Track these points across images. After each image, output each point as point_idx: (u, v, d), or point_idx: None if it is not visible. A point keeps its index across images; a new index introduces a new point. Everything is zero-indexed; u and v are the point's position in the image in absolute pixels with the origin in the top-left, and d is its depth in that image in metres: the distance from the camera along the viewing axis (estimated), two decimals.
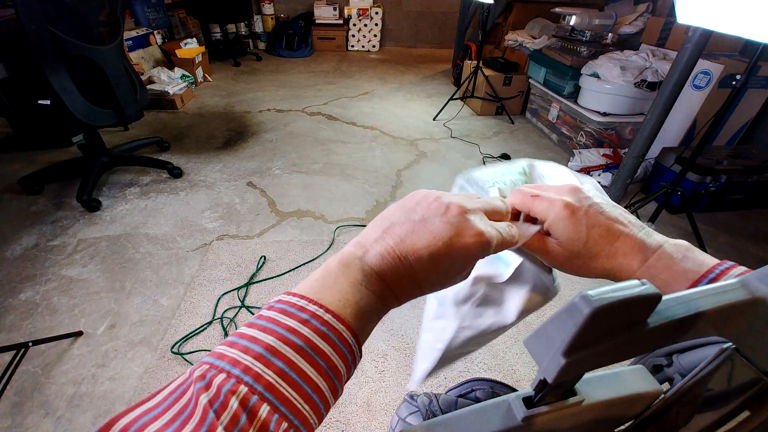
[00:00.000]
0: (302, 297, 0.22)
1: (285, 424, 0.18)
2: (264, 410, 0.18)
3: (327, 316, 0.21)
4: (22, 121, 2.10)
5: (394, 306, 0.26)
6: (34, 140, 2.21)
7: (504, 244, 0.28)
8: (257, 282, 1.43)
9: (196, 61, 3.23)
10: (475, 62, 2.86)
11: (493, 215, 0.29)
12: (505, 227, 0.29)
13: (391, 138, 2.59)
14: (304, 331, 0.21)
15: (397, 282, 0.25)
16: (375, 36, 4.78)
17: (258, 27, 4.55)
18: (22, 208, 1.74)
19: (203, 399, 0.18)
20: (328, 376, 0.21)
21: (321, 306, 0.22)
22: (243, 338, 0.20)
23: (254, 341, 0.20)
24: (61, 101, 1.48)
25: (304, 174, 2.13)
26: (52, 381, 1.09)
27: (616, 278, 0.31)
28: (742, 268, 0.27)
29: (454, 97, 2.97)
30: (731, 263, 0.27)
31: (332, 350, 0.21)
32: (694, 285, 0.27)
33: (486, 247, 0.26)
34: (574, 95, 2.53)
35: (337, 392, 0.22)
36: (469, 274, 0.28)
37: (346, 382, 0.23)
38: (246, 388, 0.18)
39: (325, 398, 0.21)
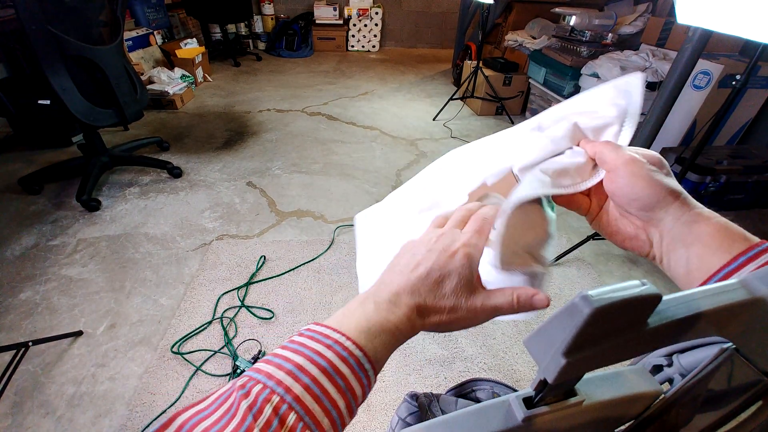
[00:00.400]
0: (327, 327, 0.26)
1: None
2: (292, 418, 0.21)
3: (347, 343, 0.25)
4: (22, 121, 2.10)
5: (406, 334, 0.28)
6: (34, 140, 2.21)
7: (484, 239, 0.31)
8: (257, 282, 1.43)
9: (196, 62, 3.23)
10: (475, 62, 2.86)
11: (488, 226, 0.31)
12: (480, 222, 0.31)
13: (391, 138, 2.60)
14: (328, 354, 0.24)
15: (416, 324, 0.28)
16: (375, 36, 4.78)
17: (258, 27, 4.55)
18: (22, 208, 1.74)
19: (243, 404, 0.21)
20: (345, 394, 0.24)
21: (343, 334, 0.25)
22: (277, 357, 0.24)
23: (286, 360, 0.23)
24: (61, 101, 1.48)
25: (304, 174, 2.13)
26: (52, 381, 1.09)
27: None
28: None
29: (454, 97, 2.97)
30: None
31: (350, 372, 0.24)
32: (741, 254, 0.27)
33: (470, 261, 0.29)
34: (574, 95, 2.53)
35: (352, 410, 0.24)
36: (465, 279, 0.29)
37: (360, 404, 0.25)
38: (278, 398, 0.21)
39: (341, 414, 0.23)
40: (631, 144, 0.35)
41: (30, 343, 1.07)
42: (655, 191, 0.30)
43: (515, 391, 0.29)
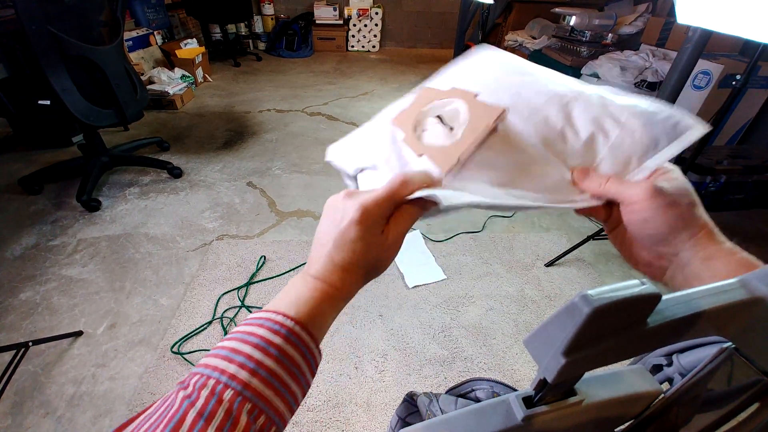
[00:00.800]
0: (260, 310, 0.27)
1: (248, 405, 0.22)
2: (228, 393, 0.22)
3: (278, 317, 0.26)
4: (22, 121, 2.10)
5: (343, 300, 0.30)
6: (34, 140, 2.21)
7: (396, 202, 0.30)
8: (257, 282, 1.43)
9: (196, 62, 3.23)
10: None
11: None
12: (382, 194, 0.30)
13: None
14: (260, 331, 0.25)
15: (338, 282, 0.29)
16: (375, 36, 4.78)
17: (258, 27, 4.55)
18: (22, 208, 1.74)
19: (181, 394, 0.22)
20: (283, 363, 0.24)
21: (273, 311, 0.27)
22: (215, 349, 0.25)
23: (221, 348, 0.25)
24: (61, 101, 1.48)
25: (304, 174, 2.13)
26: (52, 381, 1.09)
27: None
28: None
29: None
30: None
31: (284, 341, 0.25)
32: None
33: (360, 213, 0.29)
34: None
35: (297, 379, 0.25)
36: (400, 245, 0.31)
37: (308, 374, 0.26)
38: (213, 381, 0.22)
39: (285, 384, 0.24)
40: None
41: (30, 343, 1.07)
42: (671, 227, 0.28)
43: (515, 390, 0.29)
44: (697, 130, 0.30)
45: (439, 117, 0.33)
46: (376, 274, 0.31)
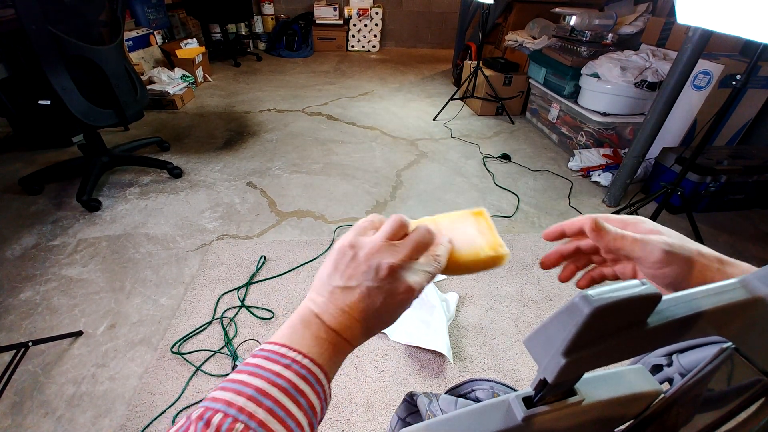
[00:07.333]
0: (282, 345, 0.26)
1: None
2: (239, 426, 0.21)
3: (305, 361, 0.25)
4: (22, 121, 2.09)
5: (350, 350, 0.29)
6: (34, 140, 2.21)
7: (432, 278, 0.31)
8: (257, 282, 1.43)
9: (197, 62, 3.23)
10: (475, 62, 2.86)
11: (422, 248, 0.31)
12: (432, 263, 0.30)
13: (391, 138, 2.59)
14: (287, 374, 0.24)
15: (349, 333, 0.28)
16: (375, 36, 4.78)
17: (258, 27, 4.55)
18: (22, 208, 1.74)
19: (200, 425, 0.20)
20: (308, 413, 0.24)
21: (299, 352, 0.25)
22: (234, 383, 0.23)
23: (245, 385, 0.23)
24: (62, 101, 1.48)
25: (304, 174, 2.13)
26: (52, 381, 1.09)
27: None
28: None
29: (454, 97, 2.97)
30: None
31: (311, 389, 0.24)
32: None
33: (415, 295, 0.29)
34: (574, 95, 2.53)
35: (313, 427, 0.25)
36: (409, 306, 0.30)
37: (321, 420, 0.26)
38: (242, 425, 0.21)
39: (293, 415, 0.23)
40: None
41: (30, 343, 1.07)
42: (685, 275, 0.31)
43: (515, 390, 0.29)
44: None
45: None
46: (381, 321, 0.29)
